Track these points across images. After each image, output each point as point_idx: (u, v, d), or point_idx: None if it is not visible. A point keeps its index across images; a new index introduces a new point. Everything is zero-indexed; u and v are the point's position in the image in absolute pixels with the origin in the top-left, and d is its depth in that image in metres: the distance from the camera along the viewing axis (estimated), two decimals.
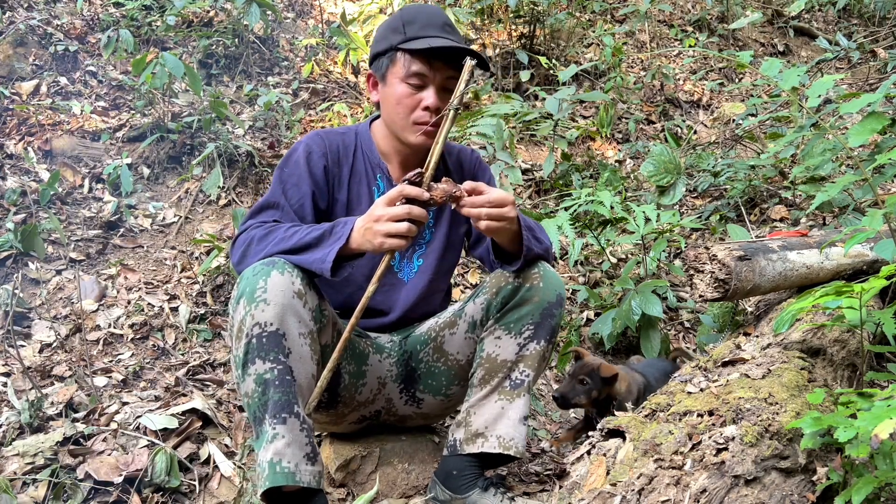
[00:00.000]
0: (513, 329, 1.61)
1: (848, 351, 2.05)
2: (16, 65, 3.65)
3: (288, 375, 1.42)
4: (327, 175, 1.70)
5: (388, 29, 1.65)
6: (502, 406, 1.61)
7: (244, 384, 1.43)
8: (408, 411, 1.83)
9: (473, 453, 1.61)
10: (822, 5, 6.88)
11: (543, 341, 1.62)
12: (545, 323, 1.61)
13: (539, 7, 4.93)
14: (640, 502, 1.40)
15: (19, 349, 2.28)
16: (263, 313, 1.40)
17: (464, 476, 1.62)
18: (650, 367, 2.31)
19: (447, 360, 1.75)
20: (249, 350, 1.41)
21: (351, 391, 1.68)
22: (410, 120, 1.63)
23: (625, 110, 4.90)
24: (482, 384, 1.63)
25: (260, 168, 3.38)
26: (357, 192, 1.74)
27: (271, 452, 1.40)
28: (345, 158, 1.74)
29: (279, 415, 1.41)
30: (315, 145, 1.71)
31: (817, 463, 1.49)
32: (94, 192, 3.18)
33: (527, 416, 1.64)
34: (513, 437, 1.60)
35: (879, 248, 1.83)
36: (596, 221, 2.88)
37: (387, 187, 1.75)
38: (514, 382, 1.62)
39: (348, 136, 1.78)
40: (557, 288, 1.62)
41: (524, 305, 1.61)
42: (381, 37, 1.66)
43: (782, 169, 3.89)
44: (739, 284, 2.14)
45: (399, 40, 1.60)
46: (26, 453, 1.82)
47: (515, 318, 1.61)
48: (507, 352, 1.62)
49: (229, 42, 4.18)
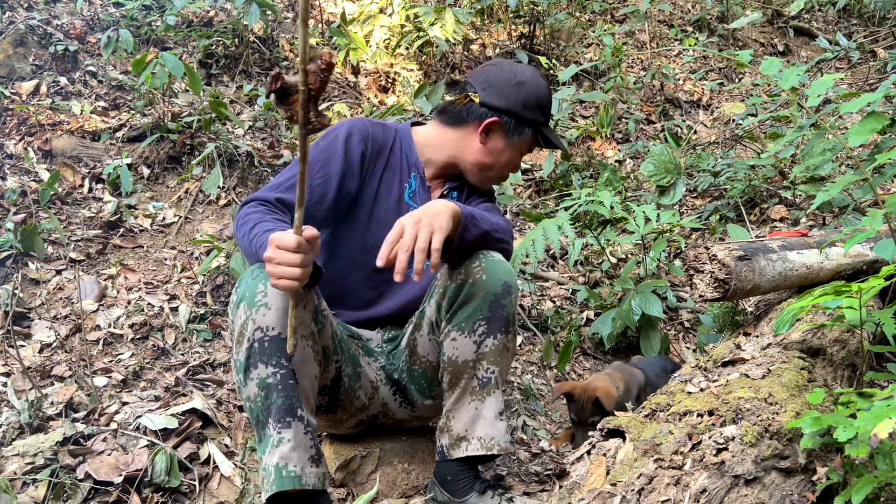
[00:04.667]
0: (465, 328, 1.58)
1: (848, 351, 2.05)
2: (16, 65, 3.65)
3: (291, 379, 1.42)
4: (363, 160, 1.74)
5: (537, 102, 1.78)
6: (476, 407, 1.60)
7: (246, 388, 1.42)
8: (404, 414, 1.83)
9: (461, 457, 1.61)
10: (821, 5, 6.88)
11: (500, 334, 1.58)
12: (496, 316, 1.57)
13: (539, 7, 4.93)
14: (640, 502, 1.40)
15: (19, 349, 2.28)
16: (265, 317, 1.40)
17: (459, 480, 1.62)
18: (650, 365, 2.31)
19: (421, 363, 1.74)
20: (252, 355, 1.41)
21: (350, 395, 1.68)
22: (500, 176, 1.84)
23: (625, 110, 4.90)
24: (452, 388, 1.62)
25: (260, 168, 3.38)
26: (389, 185, 1.78)
27: (277, 457, 1.40)
28: (383, 149, 1.79)
29: (283, 419, 1.41)
30: (357, 129, 1.74)
31: (817, 463, 1.49)
32: (94, 192, 3.18)
33: (502, 412, 1.61)
34: (492, 436, 1.59)
35: (879, 248, 1.83)
36: (596, 221, 2.88)
37: (419, 187, 1.80)
38: (482, 381, 1.60)
39: (388, 129, 1.83)
40: (502, 276, 1.57)
41: (471, 302, 1.57)
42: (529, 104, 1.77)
43: (782, 169, 3.89)
44: (739, 284, 2.14)
45: (543, 121, 1.80)
46: (26, 453, 1.82)
47: (465, 317, 1.57)
48: (466, 352, 1.59)
49: (229, 42, 4.18)
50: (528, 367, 2.69)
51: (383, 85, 4.57)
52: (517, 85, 1.75)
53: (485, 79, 1.77)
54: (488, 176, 1.83)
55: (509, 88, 1.75)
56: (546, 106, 1.80)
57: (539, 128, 1.79)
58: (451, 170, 1.84)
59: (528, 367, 2.69)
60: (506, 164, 1.82)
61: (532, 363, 2.73)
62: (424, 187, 1.81)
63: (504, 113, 1.75)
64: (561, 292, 3.20)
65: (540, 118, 1.79)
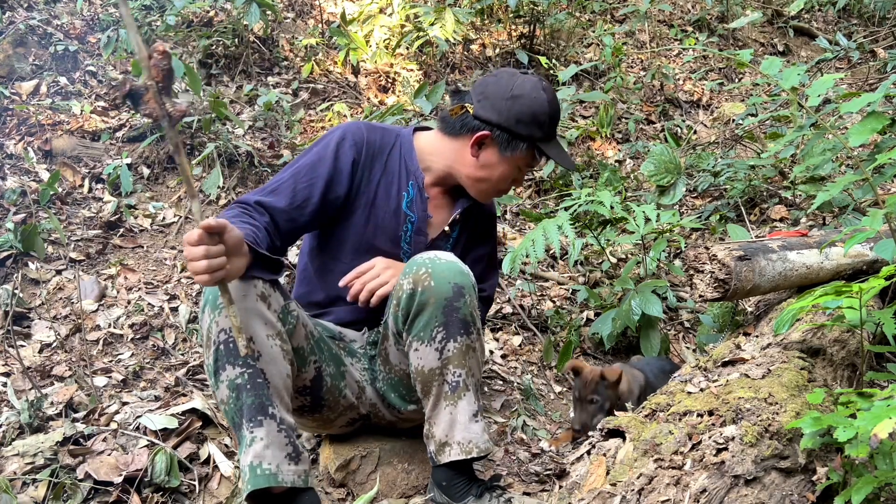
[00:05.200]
0: (424, 338, 1.58)
1: (848, 351, 2.05)
2: (16, 65, 3.65)
3: (259, 378, 1.42)
4: (355, 167, 1.73)
5: (532, 117, 1.71)
6: (451, 412, 1.59)
7: (219, 392, 1.44)
8: (392, 417, 1.83)
9: (447, 463, 1.61)
10: (821, 5, 6.88)
11: (460, 337, 1.57)
12: (451, 320, 1.56)
13: (539, 7, 4.93)
14: (639, 502, 1.40)
15: (19, 349, 2.28)
16: (227, 319, 1.40)
17: (455, 485, 1.62)
18: (648, 366, 2.31)
19: (395, 371, 1.75)
20: (218, 357, 1.42)
21: (334, 394, 1.69)
22: (497, 190, 1.80)
23: (625, 110, 4.90)
24: (426, 395, 1.63)
25: (260, 168, 3.38)
26: (386, 191, 1.77)
27: (251, 456, 1.40)
28: (379, 155, 1.78)
29: (255, 418, 1.41)
30: (351, 134, 1.74)
31: (817, 463, 1.49)
32: (94, 192, 3.18)
33: (476, 413, 1.61)
34: (469, 439, 1.59)
35: (879, 248, 1.83)
36: (596, 221, 2.88)
37: (416, 196, 1.79)
38: (452, 385, 1.59)
39: (388, 134, 1.82)
40: (451, 278, 1.56)
41: (424, 311, 1.56)
42: (523, 119, 1.71)
43: (782, 169, 3.89)
44: (739, 284, 2.14)
45: (540, 136, 1.73)
46: (26, 453, 1.82)
47: (422, 326, 1.57)
48: (430, 360, 1.59)
49: (229, 42, 4.18)
50: (528, 367, 2.69)
51: (383, 85, 4.57)
52: (511, 99, 1.71)
53: (482, 90, 1.74)
54: (484, 189, 1.80)
55: (503, 102, 1.71)
56: (544, 121, 1.73)
57: (535, 143, 1.74)
58: (450, 179, 1.82)
59: (528, 367, 2.69)
60: (501, 179, 1.77)
61: (532, 363, 2.73)
62: (422, 197, 1.80)
63: (495, 127, 1.71)
64: (561, 292, 3.20)
65: (536, 133, 1.72)
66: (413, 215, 1.79)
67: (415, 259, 1.60)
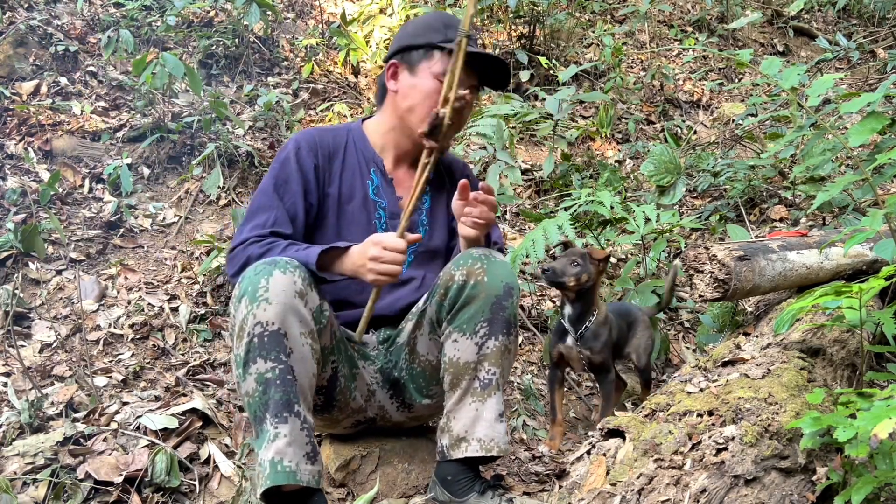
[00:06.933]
0: (466, 330, 1.58)
1: (848, 351, 2.05)
2: (16, 65, 3.65)
3: (289, 375, 1.42)
4: (317, 172, 1.74)
5: (425, 27, 1.73)
6: (476, 408, 1.59)
7: (245, 383, 1.43)
8: (401, 417, 1.83)
9: (460, 458, 1.61)
10: (821, 5, 6.88)
11: (501, 336, 1.58)
12: (497, 318, 1.57)
13: (539, 7, 4.93)
14: (639, 502, 1.40)
15: (19, 349, 2.28)
16: (265, 312, 1.41)
17: (459, 481, 1.62)
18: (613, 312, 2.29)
19: (420, 362, 1.75)
20: (251, 349, 1.42)
21: (346, 395, 1.69)
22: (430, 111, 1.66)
23: (625, 110, 4.90)
24: (452, 388, 1.62)
25: (260, 168, 3.39)
26: (350, 185, 1.78)
27: (272, 451, 1.40)
28: (335, 153, 1.79)
29: (280, 414, 1.41)
30: (304, 142, 1.75)
31: (817, 463, 1.49)
32: (94, 192, 3.18)
33: (502, 413, 1.61)
34: (492, 437, 1.59)
35: (879, 248, 1.83)
36: (596, 221, 2.88)
37: (381, 181, 1.81)
38: (483, 382, 1.59)
39: (339, 132, 1.84)
40: (504, 278, 1.58)
41: (472, 304, 1.57)
42: (416, 32, 1.73)
43: (782, 169, 3.89)
44: (739, 284, 2.15)
45: (440, 39, 1.69)
46: (26, 453, 1.82)
47: (467, 318, 1.58)
48: (468, 354, 1.58)
49: (229, 42, 4.18)
50: (528, 367, 2.69)
51: None
52: (404, 27, 1.80)
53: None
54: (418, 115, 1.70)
55: (400, 34, 1.78)
56: (437, 27, 1.70)
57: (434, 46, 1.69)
58: (403, 146, 1.81)
59: (528, 367, 2.70)
60: (425, 96, 1.69)
61: (532, 363, 2.73)
62: (387, 180, 1.82)
63: (397, 53, 1.75)
64: None
65: (433, 38, 1.70)
66: (383, 201, 1.80)
67: (470, 252, 1.61)
